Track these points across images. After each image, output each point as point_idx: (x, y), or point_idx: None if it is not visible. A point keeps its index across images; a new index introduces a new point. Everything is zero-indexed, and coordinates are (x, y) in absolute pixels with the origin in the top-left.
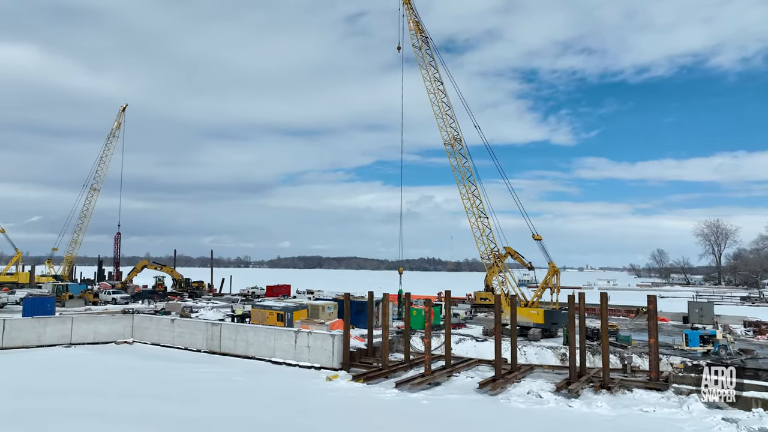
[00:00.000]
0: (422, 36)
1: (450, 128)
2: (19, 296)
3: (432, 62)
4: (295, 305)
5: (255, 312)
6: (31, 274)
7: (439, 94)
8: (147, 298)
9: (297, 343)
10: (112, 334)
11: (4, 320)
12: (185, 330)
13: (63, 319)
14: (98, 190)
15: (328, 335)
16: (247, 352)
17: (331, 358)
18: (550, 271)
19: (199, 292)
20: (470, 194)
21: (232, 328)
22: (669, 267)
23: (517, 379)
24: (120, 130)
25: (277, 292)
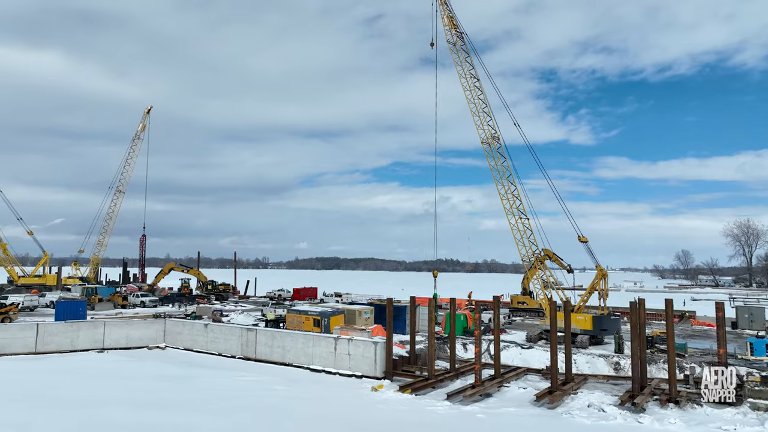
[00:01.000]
0: (457, 32)
1: (487, 126)
2: (49, 299)
3: (468, 58)
4: (332, 310)
5: (290, 317)
6: (58, 276)
7: (476, 91)
8: (176, 302)
9: (337, 350)
10: (144, 339)
11: (38, 324)
12: (219, 335)
13: (95, 323)
14: (123, 192)
15: (370, 342)
16: (284, 359)
17: (373, 367)
18: (598, 275)
19: (225, 294)
20: (510, 194)
21: (268, 334)
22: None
23: (573, 391)
24: (145, 132)
25: (304, 294)
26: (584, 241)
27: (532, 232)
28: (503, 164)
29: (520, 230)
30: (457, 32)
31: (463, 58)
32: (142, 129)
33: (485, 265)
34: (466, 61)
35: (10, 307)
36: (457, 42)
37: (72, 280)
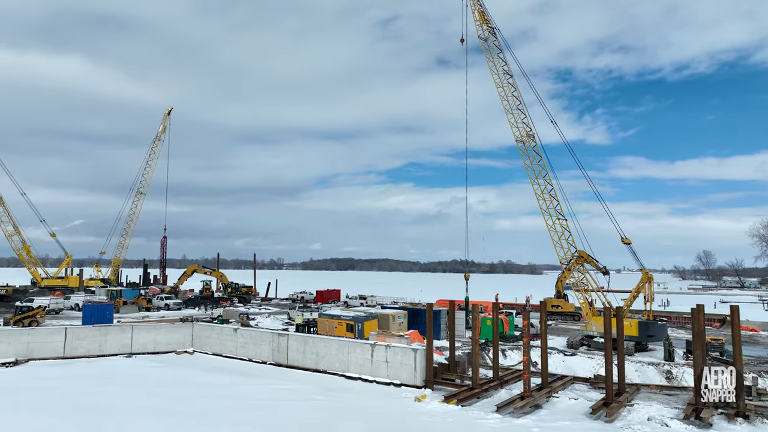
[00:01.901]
0: (489, 27)
1: (522, 124)
2: (74, 301)
3: (500, 54)
4: (365, 315)
5: (322, 321)
6: (80, 278)
7: (509, 88)
8: (200, 304)
9: (374, 357)
10: (172, 344)
11: (66, 329)
12: (249, 340)
13: (123, 328)
14: (144, 194)
15: (409, 349)
16: (318, 366)
17: (412, 375)
18: (644, 278)
19: (247, 297)
20: (547, 194)
21: (300, 339)
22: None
23: (628, 402)
24: (165, 133)
25: (327, 297)
26: (627, 243)
27: (570, 233)
28: (539, 163)
29: (558, 231)
30: (489, 27)
31: (496, 54)
32: (163, 130)
33: (501, 265)
34: (498, 57)
35: (38, 311)
36: (489, 38)
37: (94, 281)
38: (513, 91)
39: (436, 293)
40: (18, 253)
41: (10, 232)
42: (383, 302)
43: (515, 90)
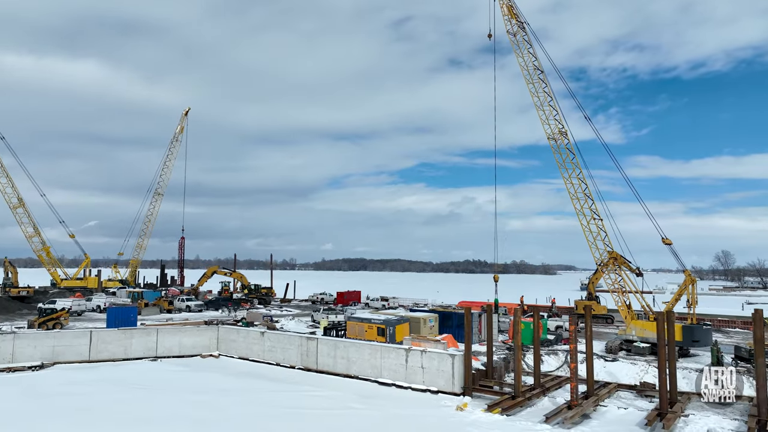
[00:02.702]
0: (518, 21)
1: (554, 120)
2: (96, 303)
3: (530, 49)
4: (396, 318)
5: (351, 325)
6: (99, 279)
7: (540, 84)
8: (221, 306)
9: (408, 362)
10: (197, 347)
11: (91, 332)
12: (276, 344)
13: (148, 331)
14: (162, 195)
15: (446, 355)
16: (349, 371)
17: (450, 381)
18: (687, 280)
19: (267, 298)
20: (581, 193)
21: (330, 344)
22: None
23: (682, 412)
24: (183, 134)
25: (347, 298)
26: (668, 243)
27: (606, 233)
28: (572, 161)
29: (593, 232)
30: (518, 22)
31: (526, 49)
32: (180, 131)
33: (514, 266)
34: (528, 52)
35: (61, 313)
36: (518, 33)
37: (112, 282)
38: (544, 87)
39: (453, 294)
40: (38, 254)
41: (31, 234)
42: (405, 304)
43: (546, 86)
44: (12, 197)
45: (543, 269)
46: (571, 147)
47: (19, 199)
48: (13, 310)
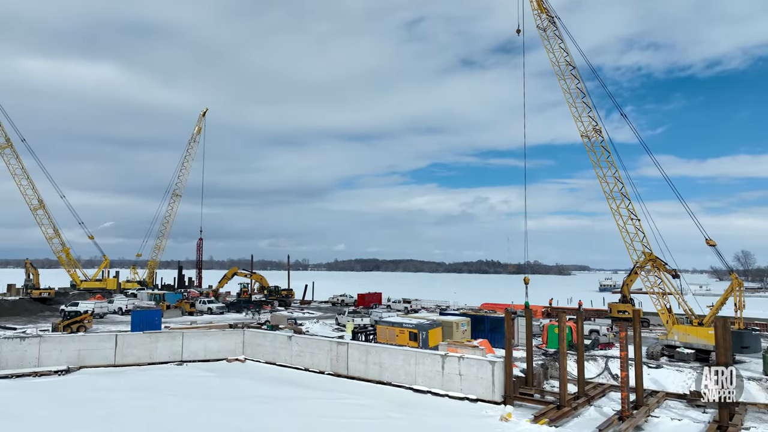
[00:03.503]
0: (548, 16)
1: (588, 117)
2: (117, 305)
3: (561, 44)
4: (429, 322)
5: (381, 329)
6: (117, 280)
7: (573, 80)
8: (243, 308)
9: (445, 369)
10: (223, 351)
11: (117, 335)
12: (305, 348)
13: (173, 334)
14: (180, 196)
15: (486, 361)
16: (381, 377)
17: (490, 389)
18: (734, 283)
19: (288, 300)
20: (618, 192)
21: (361, 349)
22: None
23: (742, 425)
24: (200, 134)
25: (368, 300)
26: (712, 245)
27: (645, 234)
28: (607, 159)
29: (630, 232)
30: (548, 16)
31: (557, 44)
32: (198, 132)
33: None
34: (560, 47)
35: (85, 316)
36: (549, 27)
37: (130, 284)
38: (577, 83)
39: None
40: (58, 255)
41: (51, 235)
42: (427, 306)
43: (579, 82)
44: (33, 199)
45: (557, 270)
46: (605, 145)
47: (39, 201)
48: (35, 312)
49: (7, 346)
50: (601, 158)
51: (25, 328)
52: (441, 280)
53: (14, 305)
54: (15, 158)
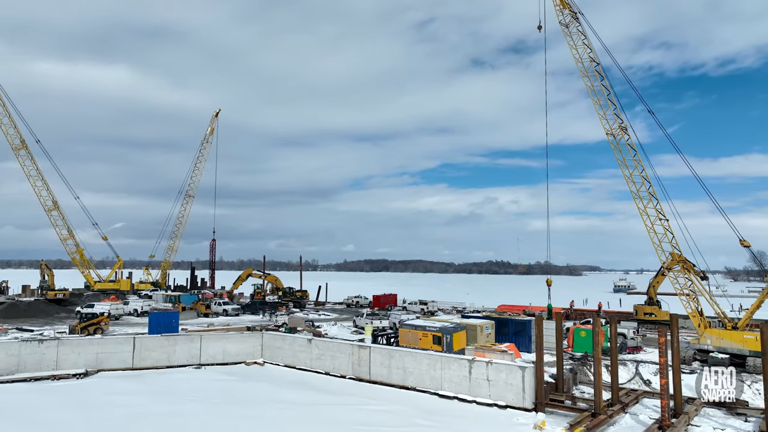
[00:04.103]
0: (571, 11)
1: (613, 115)
2: (133, 307)
3: (585, 41)
4: (453, 325)
5: (404, 332)
6: (131, 281)
7: (597, 77)
8: (258, 310)
9: (472, 374)
10: (241, 354)
11: (134, 338)
12: (325, 352)
13: (191, 337)
14: (193, 196)
15: (515, 366)
16: (405, 382)
17: (520, 395)
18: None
19: (302, 301)
20: (645, 192)
21: (384, 353)
22: None
23: None
24: (213, 135)
25: (384, 302)
26: (747, 246)
27: (674, 235)
28: (634, 158)
29: (658, 233)
30: (570, 12)
31: (581, 40)
32: (211, 132)
33: (538, 266)
34: (584, 43)
35: (102, 318)
36: (572, 23)
37: (144, 285)
38: (601, 80)
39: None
40: (72, 256)
41: (65, 236)
42: (443, 308)
43: (603, 78)
44: (47, 200)
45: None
46: (632, 143)
47: (53, 202)
48: (51, 314)
49: (25, 349)
50: (627, 157)
51: (42, 329)
52: (451, 281)
53: (30, 306)
54: (30, 159)
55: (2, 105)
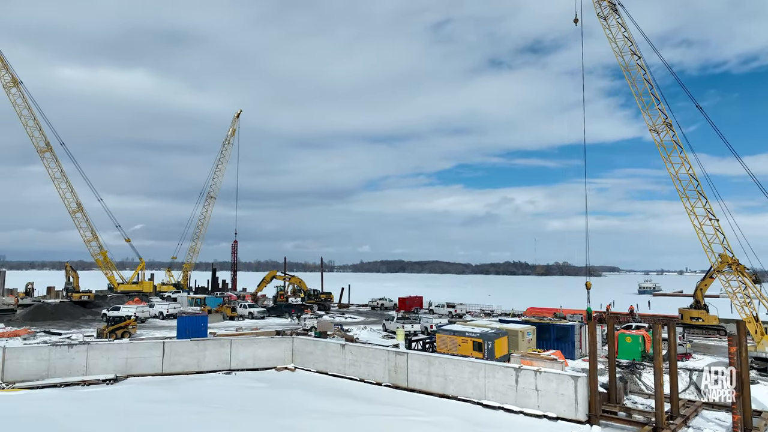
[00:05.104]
0: (609, 3)
1: (657, 110)
2: (158, 309)
3: (625, 33)
4: (494, 331)
5: (442, 338)
6: (153, 283)
7: (639, 71)
8: (284, 312)
9: (519, 383)
10: (272, 359)
11: (164, 343)
12: (359, 358)
13: (221, 342)
14: (214, 198)
15: (567, 376)
16: (445, 391)
17: (572, 407)
18: None
19: (327, 304)
20: (693, 191)
21: (423, 359)
22: None
23: None
24: (234, 136)
25: (410, 304)
26: None
27: (725, 235)
28: (681, 155)
29: (707, 234)
30: (609, 3)
31: (621, 33)
32: (232, 133)
33: (557, 267)
34: (624, 36)
35: (130, 321)
36: (610, 15)
37: (166, 287)
38: (643, 74)
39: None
40: (95, 258)
41: (89, 238)
42: (471, 310)
43: (645, 72)
44: (71, 202)
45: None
46: (677, 140)
47: (77, 204)
48: (77, 316)
49: (55, 354)
50: (673, 154)
51: (69, 333)
52: (470, 282)
53: (56, 309)
54: (55, 162)
55: (27, 108)
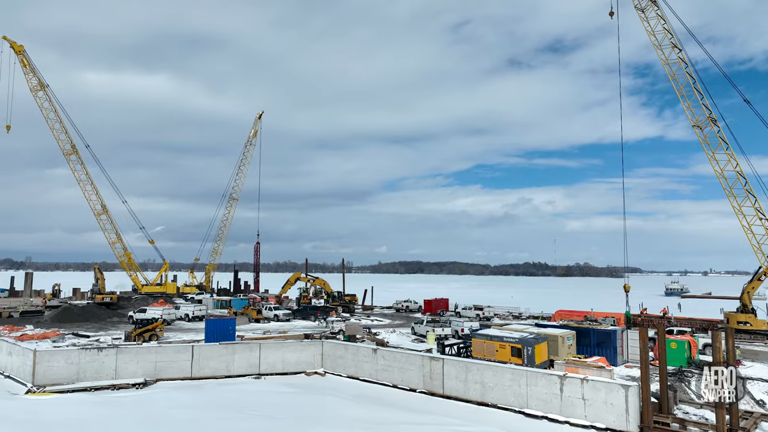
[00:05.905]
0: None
1: (702, 105)
2: (184, 311)
3: (665, 25)
4: (533, 336)
5: (478, 343)
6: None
7: (680, 64)
8: (310, 315)
9: (564, 392)
10: (301, 363)
11: (193, 347)
12: (392, 363)
13: (251, 346)
14: (237, 199)
15: (617, 385)
16: (483, 398)
17: (623, 418)
18: None
19: (351, 306)
20: (742, 188)
21: (460, 365)
22: None
23: None
24: (257, 137)
25: (435, 307)
26: None
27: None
28: (726, 152)
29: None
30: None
31: (661, 25)
32: (254, 135)
33: (577, 268)
34: (664, 28)
35: (157, 323)
36: (648, 7)
37: (189, 288)
38: (685, 67)
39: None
40: (120, 259)
41: (113, 240)
42: (499, 313)
43: (687, 66)
44: (96, 204)
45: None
46: (723, 136)
47: (102, 206)
48: (103, 318)
49: (85, 357)
50: (718, 151)
51: (97, 335)
52: (491, 283)
53: (83, 311)
54: (80, 164)
55: (54, 111)
